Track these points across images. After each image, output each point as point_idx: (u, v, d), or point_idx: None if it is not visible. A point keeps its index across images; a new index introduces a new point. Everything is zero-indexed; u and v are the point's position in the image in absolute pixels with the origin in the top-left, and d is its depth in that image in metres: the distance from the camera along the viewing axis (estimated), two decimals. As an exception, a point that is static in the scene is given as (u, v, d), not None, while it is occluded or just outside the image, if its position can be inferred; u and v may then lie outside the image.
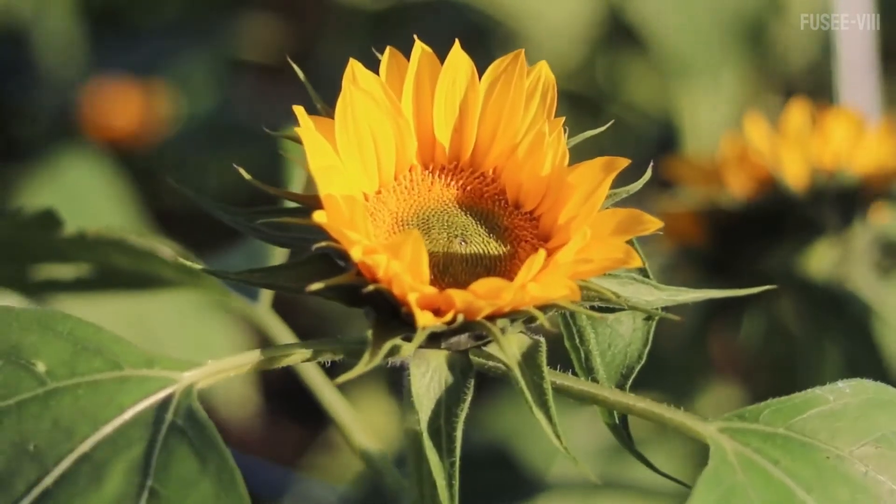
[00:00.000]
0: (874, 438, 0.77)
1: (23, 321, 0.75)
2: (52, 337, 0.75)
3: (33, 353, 0.74)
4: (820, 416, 0.77)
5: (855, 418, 0.77)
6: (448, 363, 0.76)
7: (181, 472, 0.71)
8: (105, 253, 1.05)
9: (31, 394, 0.73)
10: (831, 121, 1.46)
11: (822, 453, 0.76)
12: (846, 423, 0.77)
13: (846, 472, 0.75)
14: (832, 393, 0.78)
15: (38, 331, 0.75)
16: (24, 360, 0.74)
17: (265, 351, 0.77)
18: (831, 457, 0.76)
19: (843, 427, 0.77)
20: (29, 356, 0.74)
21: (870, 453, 0.76)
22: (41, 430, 0.72)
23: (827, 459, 0.76)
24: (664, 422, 0.78)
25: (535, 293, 0.73)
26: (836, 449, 0.76)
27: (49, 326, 0.75)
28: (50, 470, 0.71)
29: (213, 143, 2.51)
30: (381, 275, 0.73)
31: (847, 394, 0.78)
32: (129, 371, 0.74)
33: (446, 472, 0.73)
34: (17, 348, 0.74)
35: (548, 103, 0.82)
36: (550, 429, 0.74)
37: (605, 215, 0.76)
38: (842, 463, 0.76)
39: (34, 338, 0.75)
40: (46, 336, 0.75)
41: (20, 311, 0.76)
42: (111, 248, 1.04)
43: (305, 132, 0.76)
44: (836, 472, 0.75)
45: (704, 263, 1.50)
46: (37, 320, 0.75)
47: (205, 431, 0.72)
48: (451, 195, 0.83)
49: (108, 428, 0.72)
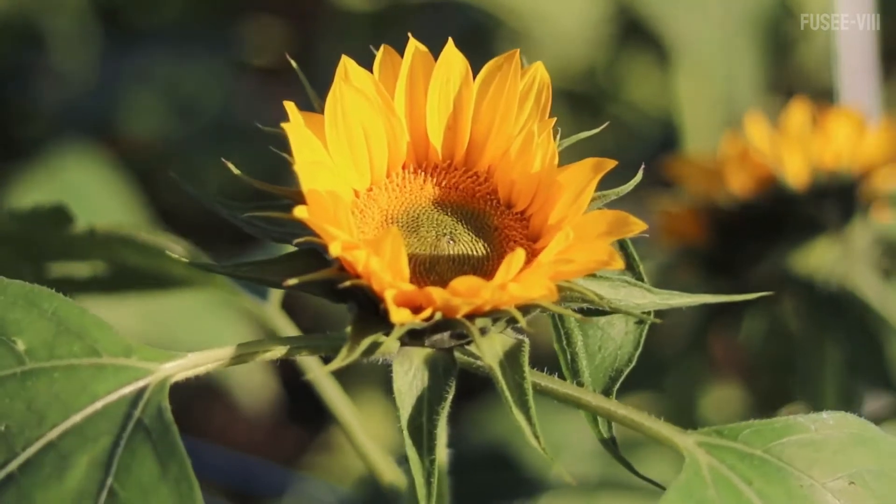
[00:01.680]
0: (849, 474, 0.77)
1: (10, 295, 0.75)
2: (36, 315, 0.74)
3: (16, 329, 0.74)
4: (799, 444, 0.77)
5: (834, 451, 0.77)
6: (431, 361, 0.76)
7: (141, 476, 0.70)
8: (115, 250, 1.05)
9: (9, 371, 0.73)
10: (832, 120, 1.46)
11: (796, 480, 0.76)
12: (824, 455, 0.77)
13: (817, 503, 0.75)
14: (814, 422, 0.78)
15: (23, 306, 0.74)
16: (6, 337, 0.74)
17: (242, 345, 0.77)
18: (804, 485, 0.76)
19: (821, 458, 0.77)
20: (11, 333, 0.74)
21: (843, 488, 0.76)
22: (15, 411, 0.72)
23: (800, 487, 0.76)
24: (643, 430, 0.78)
25: (515, 293, 0.73)
26: (811, 478, 0.76)
27: (35, 303, 0.75)
28: (17, 454, 0.71)
29: (215, 142, 2.51)
30: (361, 270, 0.73)
31: (830, 425, 0.78)
32: (107, 359, 0.74)
33: (425, 470, 0.73)
34: (1, 323, 0.74)
35: (542, 103, 0.82)
36: (529, 429, 0.74)
37: (593, 217, 0.76)
38: (814, 493, 0.76)
39: (19, 313, 0.74)
40: (31, 313, 0.74)
41: (8, 284, 0.75)
42: (121, 244, 1.04)
43: (292, 127, 0.76)
44: (808, 502, 0.75)
45: (705, 263, 1.50)
46: (24, 295, 0.75)
47: (168, 435, 0.71)
48: (442, 194, 0.83)
49: (77, 417, 0.72)
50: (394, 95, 0.81)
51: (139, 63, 2.53)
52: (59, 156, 2.30)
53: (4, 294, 0.75)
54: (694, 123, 2.17)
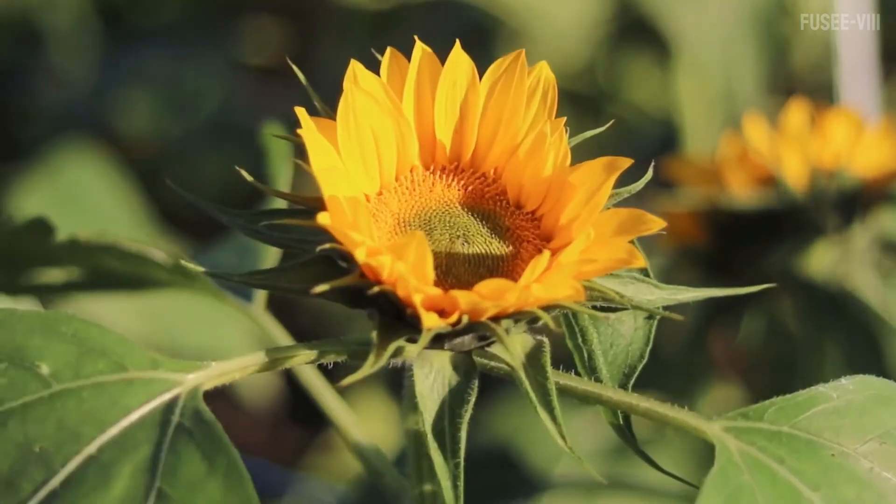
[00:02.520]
0: (879, 435, 0.77)
1: (26, 323, 0.75)
2: (56, 339, 0.74)
3: (37, 355, 0.74)
4: (824, 414, 0.77)
5: (859, 415, 0.77)
6: (452, 364, 0.76)
7: (189, 474, 0.71)
8: (98, 257, 1.05)
9: (35, 396, 0.73)
10: (831, 121, 1.46)
11: (826, 451, 0.76)
12: (850, 420, 0.77)
13: (851, 470, 0.75)
14: (835, 390, 0.78)
15: (41, 333, 0.75)
16: (29, 363, 0.74)
17: (269, 352, 0.77)
18: (836, 454, 0.76)
19: (848, 424, 0.77)
20: (33, 358, 0.74)
21: (875, 450, 0.76)
22: (46, 433, 0.72)
23: (832, 457, 0.75)
24: (668, 421, 0.78)
25: (540, 294, 0.73)
26: (841, 446, 0.76)
27: (53, 329, 0.75)
28: (57, 471, 0.71)
29: (214, 142, 2.51)
30: (386, 276, 0.73)
31: (850, 390, 0.78)
32: (134, 373, 0.74)
33: (451, 473, 0.73)
34: (21, 350, 0.74)
35: (548, 103, 0.82)
36: (555, 429, 0.74)
37: (608, 215, 0.76)
38: (847, 460, 0.75)
39: (38, 340, 0.74)
40: (50, 338, 0.74)
41: (23, 314, 0.75)
42: (103, 252, 1.04)
43: (308, 133, 0.76)
44: (842, 470, 0.75)
45: (704, 263, 1.50)
46: (40, 322, 0.75)
47: (212, 432, 0.72)
48: (452, 196, 0.83)
49: (113, 430, 0.72)
50: (402, 99, 0.81)
51: (139, 62, 2.53)
52: (58, 155, 2.29)
53: (22, 322, 0.75)
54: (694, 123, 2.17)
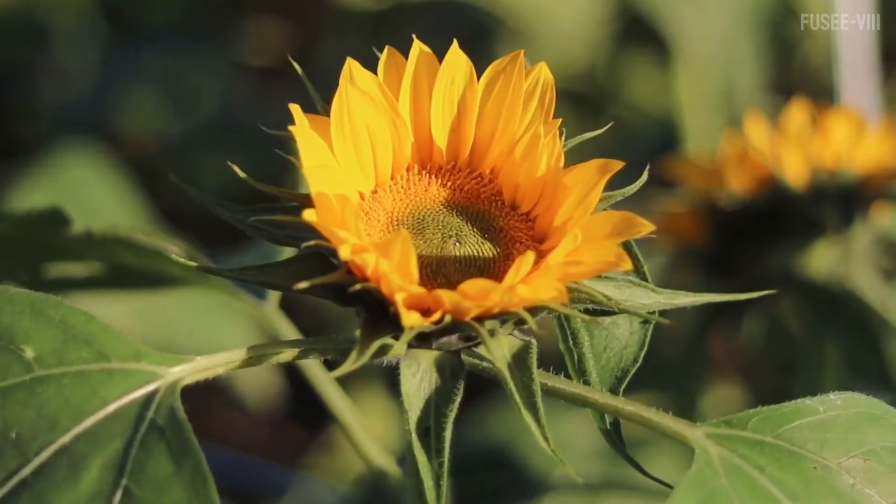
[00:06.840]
0: (863, 452, 0.77)
1: (17, 304, 0.75)
2: (43, 323, 0.75)
3: (24, 338, 0.74)
4: (809, 426, 0.77)
5: (845, 430, 0.77)
6: (438, 363, 0.76)
7: (156, 473, 0.71)
8: (113, 251, 1.06)
9: (17, 380, 0.73)
10: (832, 120, 1.46)
11: (809, 463, 0.76)
12: (836, 435, 0.77)
13: (833, 484, 0.75)
14: (822, 404, 0.78)
15: (30, 315, 0.75)
16: (14, 346, 0.74)
17: (253, 348, 0.77)
18: (819, 467, 0.76)
19: (833, 438, 0.77)
20: (19, 341, 0.74)
21: (858, 466, 0.76)
22: (25, 418, 0.72)
23: (814, 470, 0.75)
24: (652, 425, 0.78)
25: (524, 295, 0.73)
26: (825, 460, 0.76)
27: (42, 312, 0.75)
28: (30, 460, 0.71)
29: (215, 141, 2.51)
30: (370, 274, 0.73)
31: (838, 406, 0.78)
32: (116, 363, 0.74)
33: (434, 473, 0.73)
34: (9, 332, 0.74)
35: (546, 104, 0.82)
36: (538, 431, 0.74)
37: (600, 218, 0.76)
38: (829, 474, 0.75)
39: (26, 322, 0.75)
40: (38, 321, 0.75)
41: (14, 294, 0.76)
42: (118, 245, 1.04)
43: (299, 130, 0.76)
44: (824, 483, 0.75)
45: (705, 263, 1.50)
46: (30, 304, 0.75)
47: (182, 432, 0.72)
48: (447, 195, 0.83)
49: (89, 421, 0.72)
50: (398, 97, 0.81)
51: (139, 62, 2.53)
52: (59, 155, 2.29)
53: (11, 303, 0.75)
54: (694, 123, 2.17)
